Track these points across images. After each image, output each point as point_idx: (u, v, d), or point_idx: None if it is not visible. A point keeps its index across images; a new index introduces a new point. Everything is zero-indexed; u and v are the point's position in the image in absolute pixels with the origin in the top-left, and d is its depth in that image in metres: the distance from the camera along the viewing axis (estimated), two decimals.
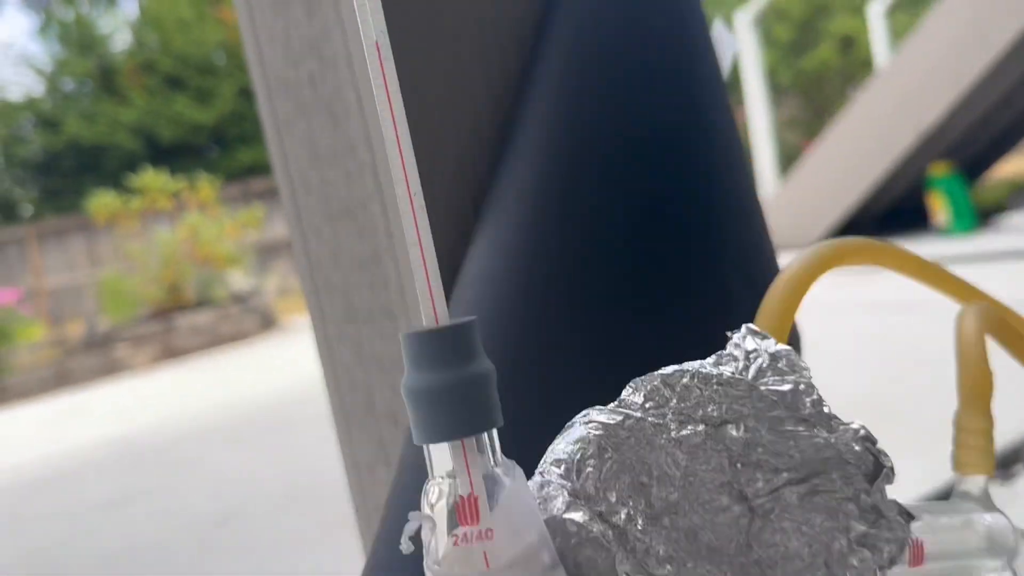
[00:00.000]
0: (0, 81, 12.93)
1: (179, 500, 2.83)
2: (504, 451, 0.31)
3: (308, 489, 2.61)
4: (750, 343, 0.35)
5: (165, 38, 12.47)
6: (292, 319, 7.63)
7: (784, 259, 0.60)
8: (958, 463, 0.44)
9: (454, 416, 0.29)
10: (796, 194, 5.75)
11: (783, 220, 5.20)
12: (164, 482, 3.11)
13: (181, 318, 6.94)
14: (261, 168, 11.78)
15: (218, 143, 12.62)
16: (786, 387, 0.34)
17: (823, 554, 0.35)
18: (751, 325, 0.36)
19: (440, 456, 0.31)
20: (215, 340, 6.86)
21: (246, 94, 12.54)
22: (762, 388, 0.34)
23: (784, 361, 0.35)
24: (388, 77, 0.30)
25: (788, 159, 7.74)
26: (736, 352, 0.34)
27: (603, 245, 0.51)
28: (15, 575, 2.41)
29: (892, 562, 0.36)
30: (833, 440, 0.35)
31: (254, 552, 2.22)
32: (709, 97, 0.56)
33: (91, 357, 6.54)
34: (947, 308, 0.44)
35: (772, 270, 0.56)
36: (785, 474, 0.35)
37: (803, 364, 0.35)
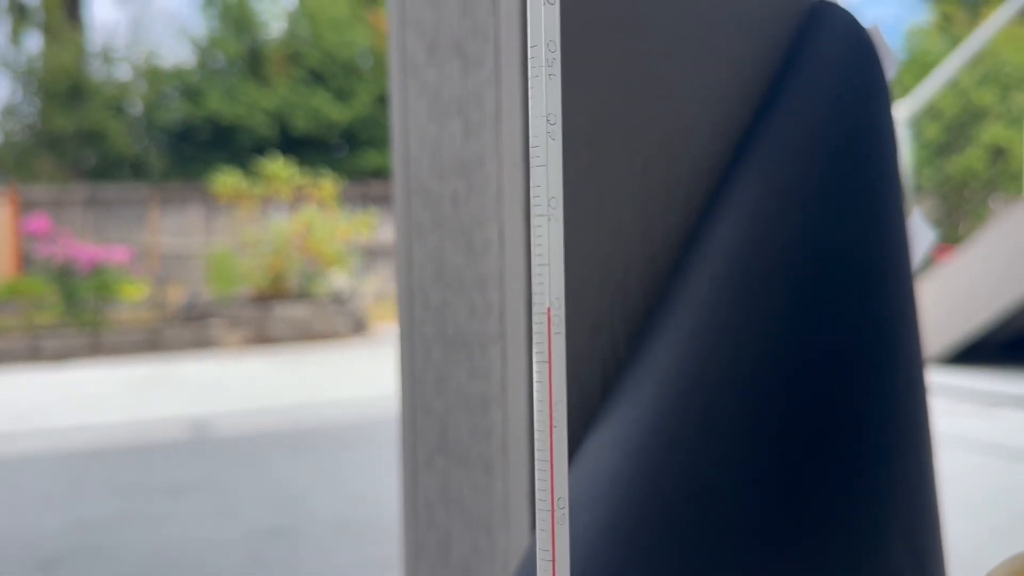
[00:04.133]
0: (155, 47, 13.50)
1: (235, 503, 2.82)
2: None
3: (362, 523, 2.57)
4: None
5: (317, 33, 12.82)
6: (382, 326, 7.68)
7: None
8: None
9: None
10: (922, 303, 5.50)
11: None
12: (226, 478, 3.12)
13: (279, 307, 7.05)
14: (384, 173, 11.97)
15: (348, 142, 12.88)
16: None
17: None
18: None
19: None
20: (305, 334, 6.96)
21: (383, 100, 12.78)
22: None
23: None
24: (555, 347, 0.24)
25: None
26: None
27: (741, 471, 0.43)
28: (56, 545, 2.42)
29: None
30: None
31: (292, 568, 2.18)
32: (898, 317, 0.48)
33: (186, 328, 6.70)
34: None
35: (938, 544, 0.47)
36: None
37: None
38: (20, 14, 13.00)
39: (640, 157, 0.50)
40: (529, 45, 0.24)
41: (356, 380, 5.22)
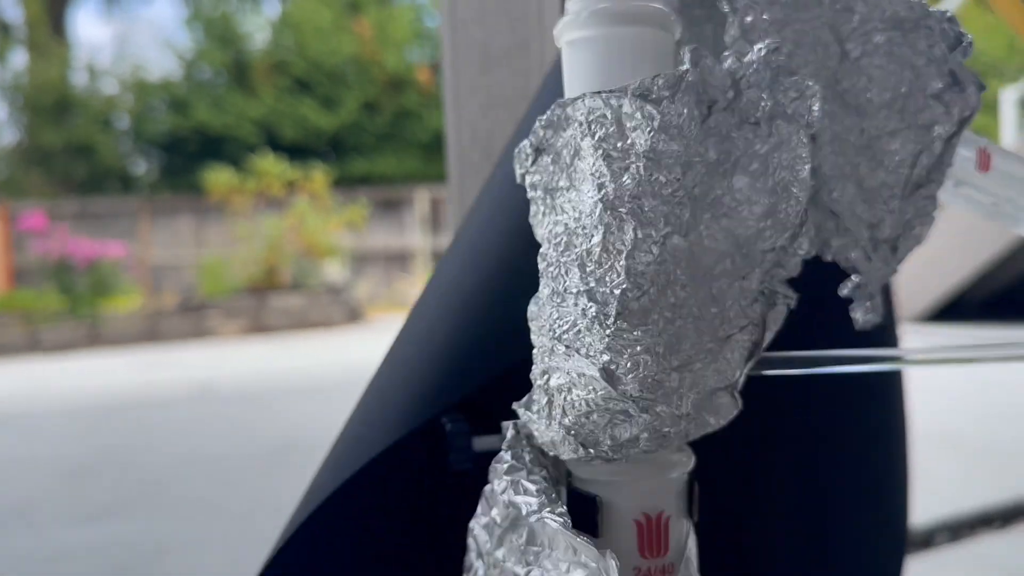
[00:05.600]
0: (141, 61, 13.64)
1: (247, 430, 2.93)
2: None
3: None
4: None
5: (301, 42, 12.98)
6: (378, 315, 7.78)
7: None
8: None
9: None
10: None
11: None
12: (239, 414, 3.23)
13: (274, 298, 7.15)
14: (371, 180, 12.11)
15: (335, 149, 13.02)
16: None
17: (900, 101, 0.40)
18: None
19: None
20: (302, 323, 7.06)
21: (369, 107, 12.94)
22: None
23: None
24: None
25: None
26: None
27: None
28: (82, 461, 2.52)
29: (961, 124, 0.41)
30: (920, 9, 0.40)
31: (307, 471, 2.29)
32: None
33: (184, 319, 6.79)
34: None
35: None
36: (878, 23, 0.40)
37: None
38: (4, 32, 13.11)
39: None
40: None
41: (351, 355, 5.33)
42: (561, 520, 0.34)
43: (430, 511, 0.48)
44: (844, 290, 0.41)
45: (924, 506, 1.60)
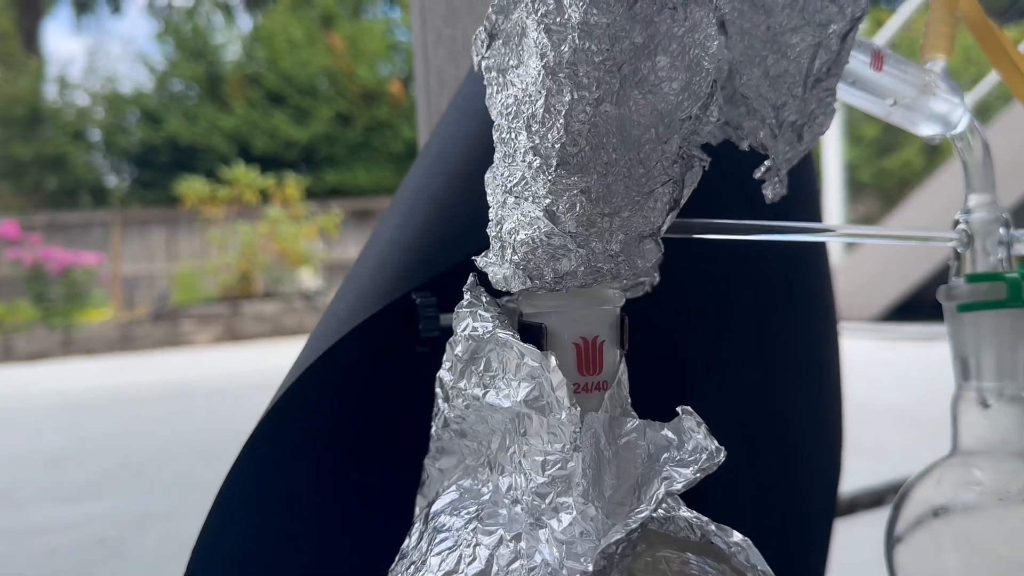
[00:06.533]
0: (114, 74, 13.63)
1: (225, 420, 2.97)
2: None
3: None
4: None
5: (273, 56, 13.01)
6: None
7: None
8: (925, 48, 0.56)
9: None
10: (862, 264, 5.77)
11: (846, 290, 5.21)
12: (214, 408, 3.27)
13: (248, 305, 7.18)
14: (344, 191, 12.15)
15: (307, 161, 13.04)
16: None
17: (800, 2, 0.47)
18: None
19: None
20: (277, 330, 7.08)
21: (341, 119, 12.99)
22: None
23: None
24: None
25: None
26: None
27: None
28: (62, 451, 2.55)
29: (854, 22, 0.48)
30: None
31: None
32: None
33: (157, 328, 6.79)
34: None
35: None
36: None
37: None
38: None
39: None
40: None
41: None
42: (511, 333, 0.40)
43: (402, 381, 0.54)
44: (757, 173, 0.48)
45: (876, 471, 1.68)
